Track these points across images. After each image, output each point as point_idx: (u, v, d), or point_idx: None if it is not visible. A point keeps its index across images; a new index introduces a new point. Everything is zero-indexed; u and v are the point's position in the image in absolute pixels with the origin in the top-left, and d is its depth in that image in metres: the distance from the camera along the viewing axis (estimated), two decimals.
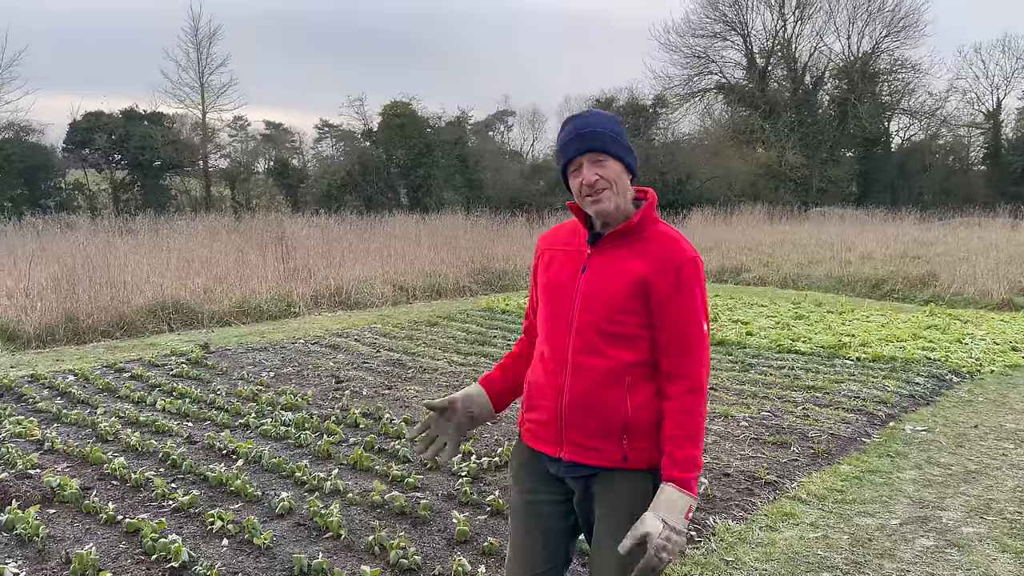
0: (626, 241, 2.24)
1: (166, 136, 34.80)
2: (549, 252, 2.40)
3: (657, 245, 2.21)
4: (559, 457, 2.27)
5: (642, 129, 39.96)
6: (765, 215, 28.46)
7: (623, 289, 2.18)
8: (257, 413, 6.49)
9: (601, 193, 2.19)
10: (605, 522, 2.23)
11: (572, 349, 2.23)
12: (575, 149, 2.22)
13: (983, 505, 4.61)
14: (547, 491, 2.34)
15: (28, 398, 6.99)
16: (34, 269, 11.95)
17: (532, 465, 2.37)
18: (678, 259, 2.18)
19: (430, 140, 37.83)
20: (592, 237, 2.28)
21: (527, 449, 2.39)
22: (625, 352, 2.19)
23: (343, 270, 14.66)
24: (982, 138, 45.33)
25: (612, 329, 2.19)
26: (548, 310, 2.33)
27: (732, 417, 6.40)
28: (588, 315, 2.21)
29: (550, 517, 2.35)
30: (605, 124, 2.23)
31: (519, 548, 2.38)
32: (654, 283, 2.16)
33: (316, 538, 4.11)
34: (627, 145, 2.26)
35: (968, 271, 15.16)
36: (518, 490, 2.41)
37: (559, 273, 2.32)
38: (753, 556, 3.92)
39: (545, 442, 2.31)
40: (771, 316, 11.94)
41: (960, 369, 8.24)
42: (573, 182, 2.26)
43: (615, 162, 2.21)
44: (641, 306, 2.18)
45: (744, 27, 43.39)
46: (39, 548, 3.95)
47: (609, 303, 2.19)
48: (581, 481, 2.27)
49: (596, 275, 2.23)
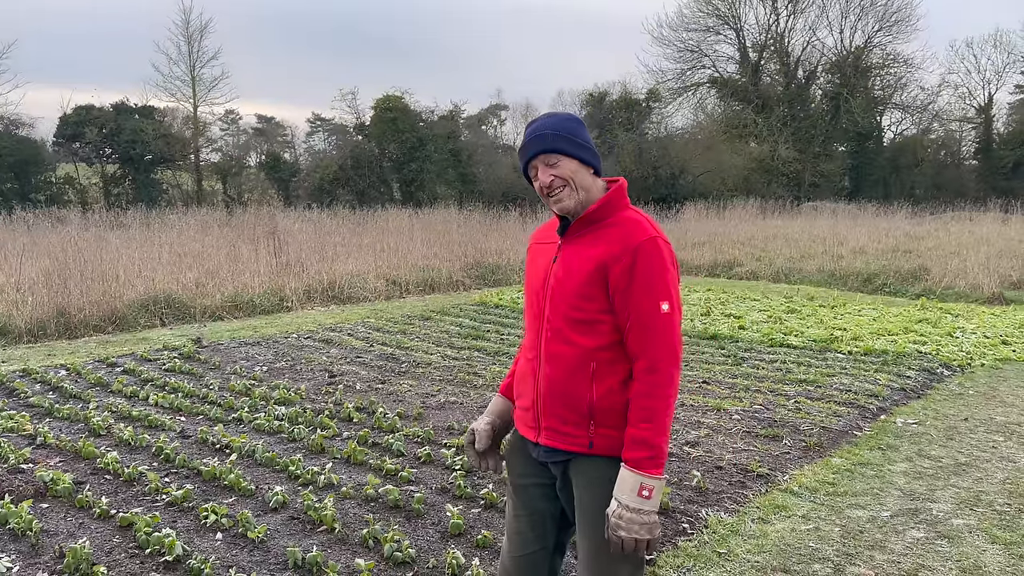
0: (591, 228, 2.29)
1: (157, 130, 34.65)
2: (532, 248, 2.51)
3: (619, 229, 2.24)
4: (537, 442, 2.35)
5: (635, 123, 39.97)
6: (758, 209, 28.54)
7: (584, 275, 2.22)
8: (250, 407, 6.49)
9: (560, 192, 2.26)
10: (579, 507, 2.31)
11: (544, 338, 2.30)
12: (529, 153, 2.29)
13: (973, 497, 4.65)
14: (534, 475, 2.43)
15: (20, 393, 6.97)
16: (25, 264, 11.90)
17: (521, 450, 2.47)
18: (635, 240, 2.18)
19: (423, 134, 37.75)
20: (562, 228, 2.36)
21: (517, 435, 2.49)
22: (587, 338, 2.23)
23: (336, 264, 14.64)
24: (974, 133, 45.55)
25: (575, 316, 2.24)
26: (527, 302, 2.45)
27: (724, 410, 6.42)
28: (556, 304, 2.28)
29: (537, 500, 2.43)
30: (557, 125, 2.28)
31: (510, 531, 2.50)
32: (611, 266, 2.18)
33: (310, 532, 4.11)
34: (582, 142, 2.29)
35: (959, 265, 15.24)
36: (512, 473, 2.51)
37: (536, 267, 2.41)
38: (745, 548, 3.94)
39: (527, 427, 2.40)
40: (763, 310, 11.98)
41: (951, 363, 8.29)
42: (535, 185, 2.33)
43: (569, 160, 2.26)
44: (600, 291, 2.20)
45: (737, 21, 43.45)
46: (32, 543, 3.95)
47: (573, 290, 2.24)
48: (559, 466, 2.35)
49: (563, 264, 2.29)
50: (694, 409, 6.48)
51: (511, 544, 2.48)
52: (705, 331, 9.95)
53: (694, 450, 5.44)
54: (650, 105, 42.36)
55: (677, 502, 4.47)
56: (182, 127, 37.62)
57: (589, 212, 2.27)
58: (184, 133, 37.36)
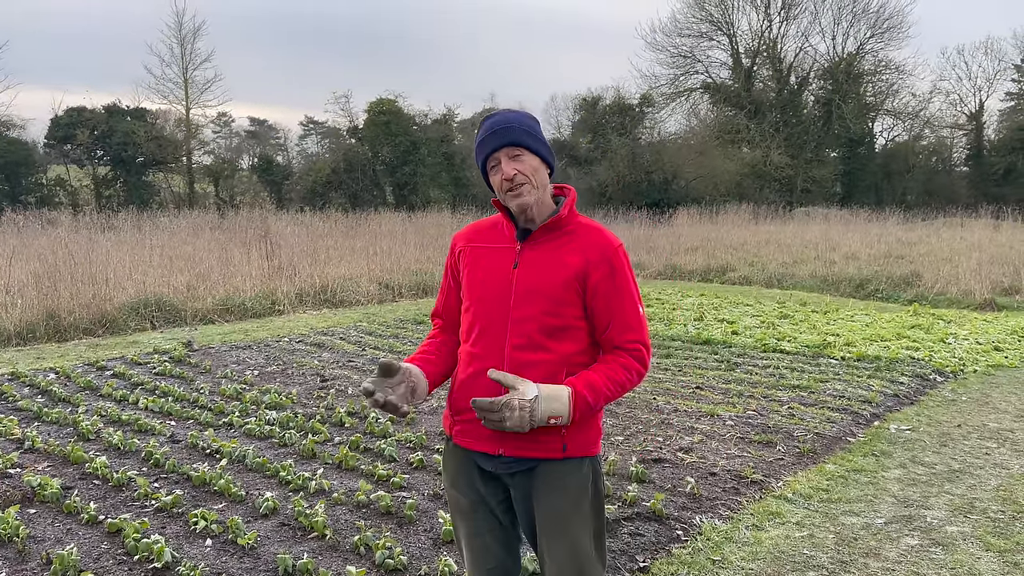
0: (556, 235, 2.29)
1: (149, 132, 34.56)
2: (471, 250, 2.38)
3: (587, 237, 2.28)
4: (499, 454, 2.26)
5: (628, 128, 40.05)
6: (750, 215, 28.62)
7: (561, 282, 2.22)
8: (241, 412, 6.44)
9: (521, 187, 2.23)
10: (548, 511, 2.26)
11: (510, 345, 2.23)
12: (493, 145, 2.25)
13: (967, 504, 4.64)
14: (487, 490, 2.35)
15: (8, 396, 6.90)
16: (14, 266, 11.82)
17: (468, 467, 2.36)
18: (610, 248, 2.26)
19: (416, 138, 37.76)
20: (521, 233, 2.31)
21: (461, 451, 2.37)
22: (565, 344, 2.23)
23: (328, 268, 14.60)
24: (965, 139, 45.82)
25: (552, 322, 2.22)
26: (479, 309, 2.30)
27: (718, 416, 6.41)
28: (526, 310, 2.23)
29: (495, 515, 2.37)
30: (521, 120, 2.28)
31: (475, 548, 2.40)
32: (591, 273, 2.23)
33: (301, 538, 4.07)
34: (544, 141, 2.30)
35: (951, 271, 15.29)
36: (459, 493, 2.39)
37: (488, 271, 2.31)
38: (740, 555, 3.92)
39: (480, 440, 2.28)
40: (756, 315, 11.99)
41: (944, 369, 8.30)
42: (493, 178, 2.28)
43: (532, 156, 2.25)
44: (577, 297, 2.24)
45: (730, 27, 43.64)
46: (19, 548, 3.90)
47: (548, 296, 2.22)
48: (519, 476, 2.28)
49: (531, 270, 2.25)
50: (688, 415, 6.46)
51: (480, 560, 2.38)
52: (698, 336, 9.94)
53: (688, 456, 5.42)
54: (643, 110, 42.49)
55: (671, 509, 4.45)
56: (174, 129, 37.52)
57: (556, 219, 2.27)
58: (176, 135, 37.26)
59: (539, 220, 2.29)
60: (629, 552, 3.92)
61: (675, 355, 8.92)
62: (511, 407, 2.08)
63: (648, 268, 19.14)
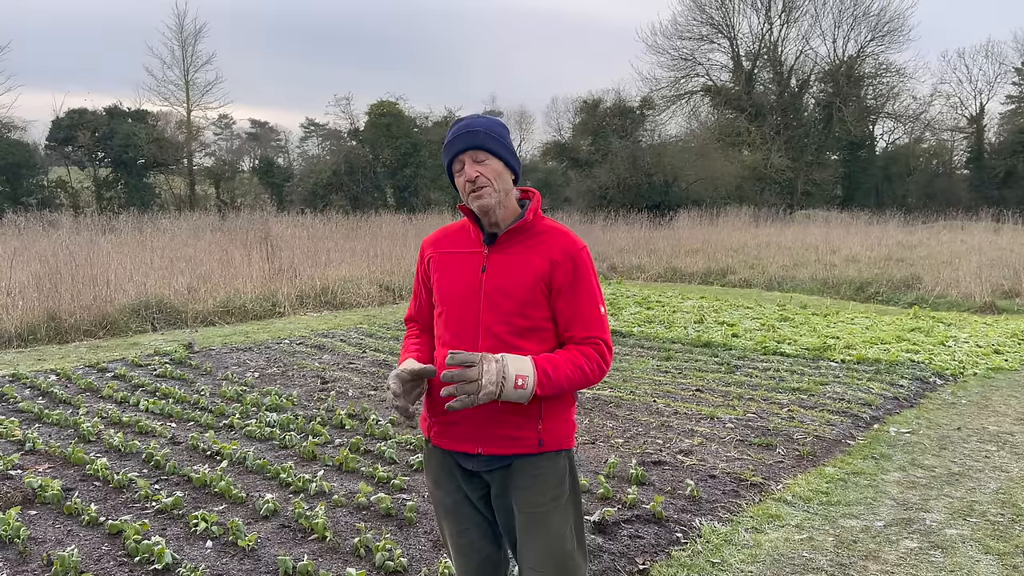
0: (522, 238, 2.33)
1: (150, 134, 34.59)
2: (439, 256, 2.43)
3: (553, 240, 2.32)
4: (477, 452, 2.31)
5: (629, 131, 40.07)
6: (751, 217, 28.63)
7: (529, 284, 2.26)
8: (241, 414, 6.45)
9: (483, 189, 2.27)
10: (529, 508, 2.29)
11: (482, 348, 2.26)
12: (457, 147, 2.30)
13: (966, 507, 4.64)
14: (469, 488, 2.40)
15: (9, 398, 6.91)
16: (16, 267, 11.83)
17: (449, 467, 2.41)
18: (573, 249, 2.31)
19: (417, 140, 37.79)
20: (488, 237, 2.34)
21: (440, 452, 2.42)
22: (534, 344, 2.28)
23: (329, 270, 14.61)
24: (965, 142, 45.82)
25: (521, 324, 2.27)
26: (451, 313, 2.35)
27: (718, 418, 6.41)
28: (496, 313, 2.27)
29: (478, 511, 2.43)
30: (488, 125, 2.33)
31: (462, 546, 2.45)
32: (555, 274, 2.28)
33: (301, 540, 4.08)
34: (509, 147, 2.35)
35: (951, 274, 15.29)
36: (443, 493, 2.44)
37: (457, 276, 2.36)
38: (739, 558, 3.93)
39: (459, 441, 2.34)
40: (756, 318, 11.99)
41: (943, 372, 8.30)
42: (458, 180, 2.33)
43: (496, 160, 2.30)
44: (543, 298, 2.29)
45: (730, 30, 43.65)
46: (20, 550, 3.90)
47: (516, 299, 2.26)
48: (500, 472, 2.33)
49: (499, 273, 2.29)
50: (688, 417, 6.47)
51: (466, 555, 2.44)
52: (698, 339, 9.95)
53: (687, 459, 5.43)
54: (644, 113, 42.52)
55: (671, 511, 4.45)
56: (175, 131, 37.57)
57: (521, 223, 2.32)
58: (177, 137, 37.30)
59: (504, 224, 2.33)
60: (628, 554, 3.92)
61: (675, 357, 8.92)
62: (488, 359, 2.11)
63: (649, 270, 19.15)
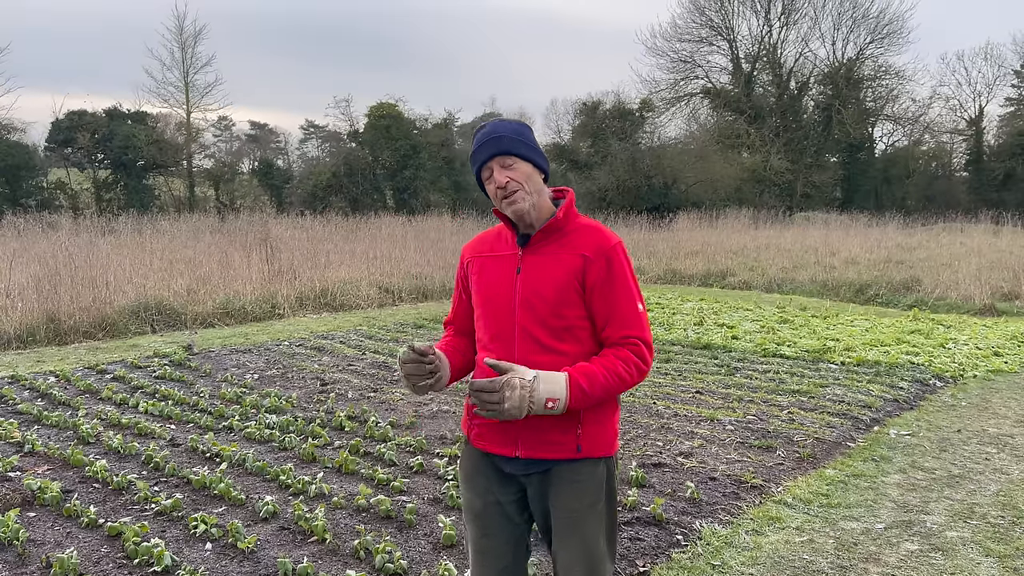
0: (554, 237, 2.32)
1: (150, 135, 34.57)
2: (478, 260, 2.44)
3: (585, 237, 2.31)
4: (515, 455, 2.31)
5: (628, 133, 40.07)
6: (750, 219, 28.63)
7: (562, 283, 2.25)
8: (241, 415, 6.44)
9: (514, 194, 2.27)
10: (563, 510, 2.29)
11: (519, 350, 2.27)
12: (485, 155, 2.29)
13: (967, 509, 4.64)
14: (503, 491, 2.38)
15: (8, 399, 6.91)
16: (15, 269, 11.82)
17: (485, 468, 2.40)
18: (607, 246, 2.29)
19: (416, 142, 37.79)
20: (521, 239, 2.34)
21: (478, 453, 2.42)
22: (571, 345, 2.27)
23: (328, 271, 14.61)
24: (964, 144, 45.85)
25: (557, 324, 2.26)
26: (488, 316, 2.36)
27: (718, 421, 6.41)
28: (530, 314, 2.26)
29: (509, 516, 2.40)
30: (511, 129, 2.32)
31: (484, 550, 2.43)
32: (588, 272, 2.26)
33: (301, 542, 4.07)
34: (535, 147, 2.34)
35: (951, 276, 15.29)
36: (474, 495, 2.43)
37: (493, 279, 2.36)
38: (739, 560, 3.92)
39: (496, 444, 2.34)
40: (756, 320, 11.99)
41: (943, 374, 8.29)
42: (489, 188, 2.33)
43: (524, 163, 2.29)
44: (577, 297, 2.27)
45: (730, 32, 43.68)
46: (19, 552, 3.89)
47: (550, 299, 2.25)
48: (538, 476, 2.32)
49: (532, 274, 2.29)
50: (687, 419, 6.46)
51: (488, 562, 2.41)
52: (698, 341, 9.95)
53: (687, 461, 5.42)
54: (643, 115, 42.52)
55: (671, 513, 4.45)
56: (175, 133, 37.57)
57: (552, 222, 2.30)
58: (177, 139, 37.29)
59: (537, 224, 2.32)
60: (629, 556, 3.92)
61: (675, 359, 8.92)
62: (511, 386, 2.10)
63: (648, 272, 19.15)
